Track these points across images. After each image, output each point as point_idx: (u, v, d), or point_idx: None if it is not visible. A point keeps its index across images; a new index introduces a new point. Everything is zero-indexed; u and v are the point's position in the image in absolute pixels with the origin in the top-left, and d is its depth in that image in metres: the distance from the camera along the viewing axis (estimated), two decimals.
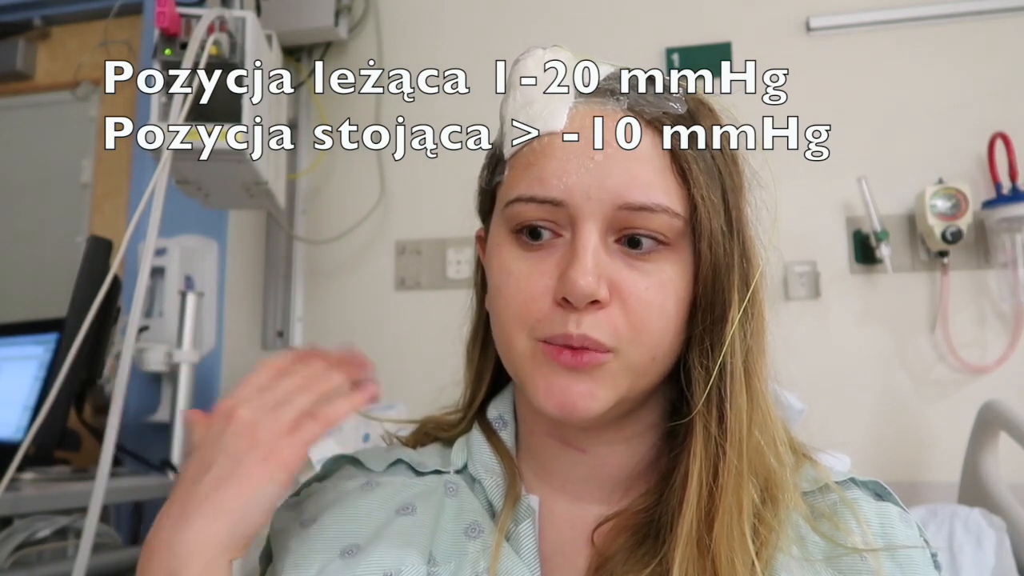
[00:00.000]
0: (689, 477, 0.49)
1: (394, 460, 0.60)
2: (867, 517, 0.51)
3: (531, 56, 0.53)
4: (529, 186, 0.50)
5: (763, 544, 0.48)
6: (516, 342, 0.51)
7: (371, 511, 0.55)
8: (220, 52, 1.23)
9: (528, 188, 0.50)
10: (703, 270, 0.50)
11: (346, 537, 0.53)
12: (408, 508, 0.55)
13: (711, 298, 0.50)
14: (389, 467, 0.60)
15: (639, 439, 0.55)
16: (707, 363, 0.50)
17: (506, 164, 0.54)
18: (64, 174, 2.08)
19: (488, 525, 0.53)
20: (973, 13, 1.55)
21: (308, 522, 0.56)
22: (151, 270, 1.16)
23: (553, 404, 0.49)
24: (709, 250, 0.50)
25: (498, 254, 0.53)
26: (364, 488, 0.57)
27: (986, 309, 1.48)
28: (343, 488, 0.58)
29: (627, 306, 0.49)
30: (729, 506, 0.47)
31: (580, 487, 0.56)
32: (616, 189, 0.48)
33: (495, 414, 0.61)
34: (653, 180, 0.49)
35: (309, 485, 0.61)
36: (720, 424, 0.49)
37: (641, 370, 0.50)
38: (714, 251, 0.50)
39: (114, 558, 1.30)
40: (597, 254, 0.48)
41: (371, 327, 1.71)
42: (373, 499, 0.56)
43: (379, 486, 0.57)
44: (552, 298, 0.49)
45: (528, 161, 0.51)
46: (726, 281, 0.50)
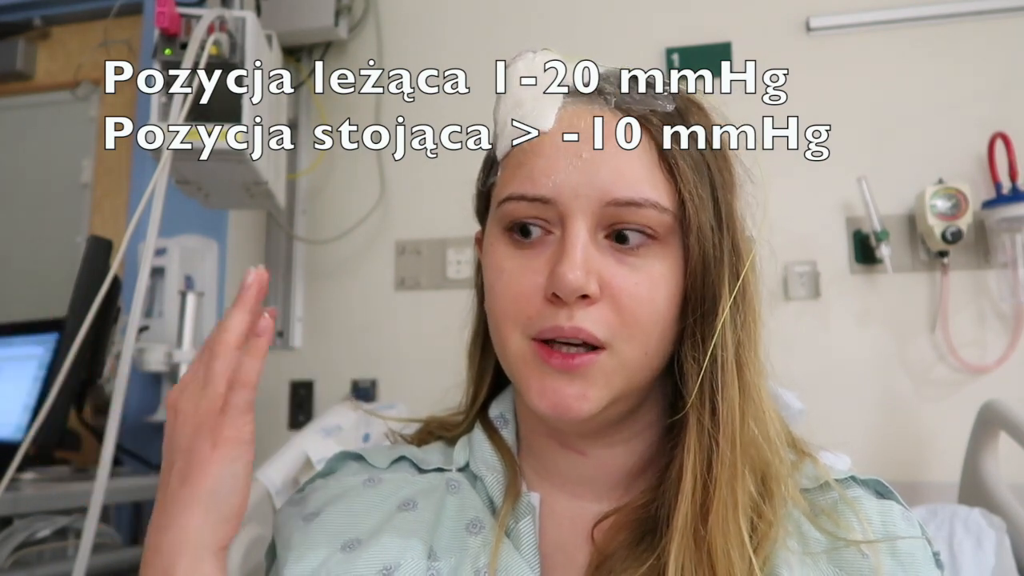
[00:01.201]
0: (684, 470, 0.49)
1: (398, 457, 0.61)
2: (868, 515, 0.51)
3: (521, 60, 0.55)
4: (520, 185, 0.52)
5: (761, 538, 0.48)
6: (510, 341, 0.52)
7: (373, 506, 0.56)
8: (220, 52, 1.23)
9: (519, 187, 0.52)
10: (692, 264, 0.50)
11: (347, 531, 0.54)
12: (410, 504, 0.56)
13: (701, 292, 0.50)
14: (393, 463, 0.61)
15: (639, 438, 0.56)
16: (699, 356, 0.50)
17: (499, 165, 0.55)
18: (64, 174, 2.08)
19: (489, 521, 0.54)
20: (973, 13, 1.55)
21: (311, 516, 0.56)
22: (151, 270, 1.16)
23: (546, 405, 0.50)
24: (698, 244, 0.50)
25: (491, 253, 0.54)
26: (367, 484, 0.58)
27: (986, 309, 1.48)
28: (346, 483, 0.59)
29: (618, 301, 0.49)
30: (724, 498, 0.48)
31: (580, 486, 0.56)
32: (604, 185, 0.49)
33: (496, 413, 0.61)
34: (641, 176, 0.50)
35: (312, 482, 0.61)
36: (712, 416, 0.49)
37: (634, 366, 0.50)
38: (703, 245, 0.50)
39: (114, 558, 1.30)
40: (586, 249, 0.49)
41: (371, 327, 1.71)
42: (375, 494, 0.57)
43: (382, 482, 0.58)
44: (543, 295, 0.50)
45: (519, 161, 0.53)
46: (715, 275, 0.50)
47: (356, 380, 1.69)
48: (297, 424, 1.68)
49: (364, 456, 0.62)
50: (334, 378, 1.71)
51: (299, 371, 1.73)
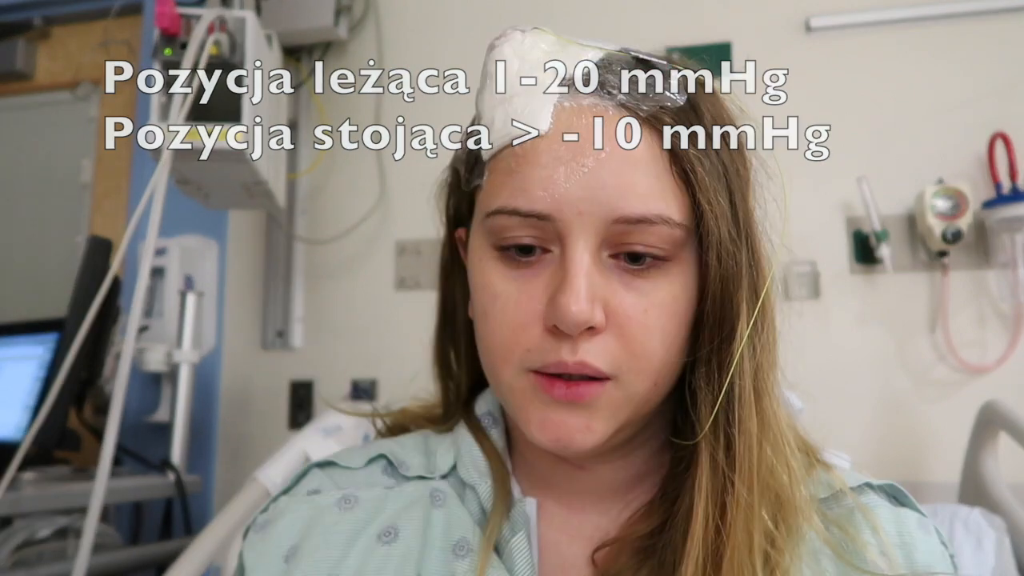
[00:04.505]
0: (694, 512, 0.44)
1: (375, 455, 0.56)
2: (883, 525, 0.48)
3: (508, 41, 0.48)
4: (511, 197, 0.45)
5: (774, 569, 0.44)
6: (504, 375, 0.47)
7: (351, 536, 0.50)
8: (220, 52, 1.23)
9: (510, 199, 0.45)
10: (711, 284, 0.45)
11: (326, 568, 0.49)
12: (390, 533, 0.50)
13: (719, 314, 0.45)
14: (369, 463, 0.56)
15: (639, 452, 0.53)
16: (713, 386, 0.45)
17: (485, 167, 0.49)
18: (64, 174, 2.07)
19: (478, 541, 0.49)
20: (973, 13, 1.55)
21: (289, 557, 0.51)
22: (151, 270, 1.16)
23: (548, 439, 0.46)
24: (718, 261, 0.45)
25: (481, 271, 0.48)
26: (341, 506, 0.52)
27: (986, 309, 1.48)
28: (317, 504, 0.53)
29: (625, 331, 0.44)
30: (738, 544, 0.43)
31: (578, 499, 0.53)
32: (610, 201, 0.43)
33: (483, 410, 0.56)
34: (651, 187, 0.44)
35: (276, 500, 0.55)
36: (727, 452, 0.45)
37: (642, 398, 0.46)
38: (723, 261, 0.45)
39: (114, 558, 1.30)
40: (590, 275, 0.44)
41: (371, 327, 1.71)
42: (352, 521, 0.51)
43: (357, 503, 0.52)
44: (543, 325, 0.45)
45: (509, 167, 0.46)
46: (735, 293, 0.45)
47: (356, 380, 1.69)
48: (297, 424, 1.68)
49: (336, 461, 0.56)
50: (334, 378, 1.70)
51: (299, 371, 1.73)
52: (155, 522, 1.58)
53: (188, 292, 1.58)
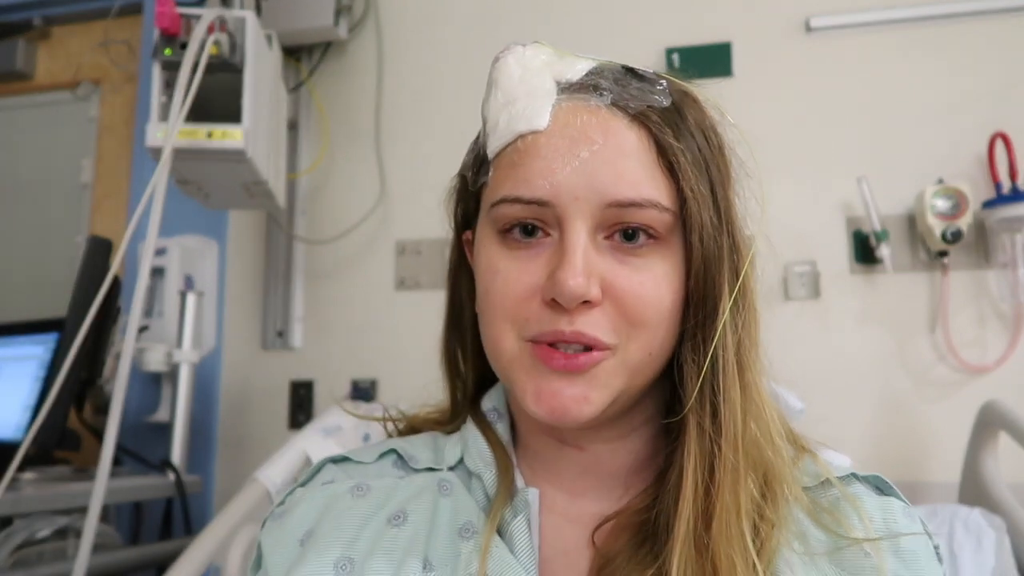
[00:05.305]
0: (684, 476, 0.48)
1: (386, 450, 0.60)
2: (869, 512, 0.51)
3: (511, 54, 0.53)
4: (514, 187, 0.50)
5: (764, 541, 0.48)
6: (504, 343, 0.50)
7: (363, 519, 0.54)
8: (220, 52, 1.23)
9: (513, 189, 0.50)
10: (695, 263, 0.49)
11: (339, 548, 0.52)
12: (399, 517, 0.53)
13: (703, 292, 0.50)
14: (380, 457, 0.59)
15: (636, 434, 0.55)
16: (699, 358, 0.49)
17: (490, 165, 0.53)
18: (64, 174, 2.08)
19: (483, 524, 0.52)
20: (973, 13, 1.55)
21: (304, 540, 0.54)
22: (151, 270, 1.16)
23: (544, 409, 0.48)
24: (700, 243, 0.49)
25: (485, 254, 0.52)
26: (354, 493, 0.56)
27: (986, 309, 1.48)
28: (331, 492, 0.57)
29: (622, 302, 0.48)
30: (727, 504, 0.47)
31: (580, 484, 0.55)
32: (603, 188, 0.48)
33: (489, 406, 0.60)
34: (641, 175, 0.49)
35: (292, 493, 0.59)
36: (714, 419, 0.48)
37: (637, 367, 0.50)
38: (705, 243, 0.49)
39: (114, 558, 1.30)
40: (587, 253, 0.48)
41: (371, 327, 1.71)
42: (364, 505, 0.55)
43: (369, 490, 0.56)
44: (541, 298, 0.49)
45: (512, 161, 0.51)
46: (717, 273, 0.49)
47: (356, 380, 1.69)
48: (297, 424, 1.69)
49: (349, 456, 0.60)
50: (334, 378, 1.71)
51: (299, 371, 1.73)
52: (155, 522, 1.58)
53: (188, 292, 1.58)
